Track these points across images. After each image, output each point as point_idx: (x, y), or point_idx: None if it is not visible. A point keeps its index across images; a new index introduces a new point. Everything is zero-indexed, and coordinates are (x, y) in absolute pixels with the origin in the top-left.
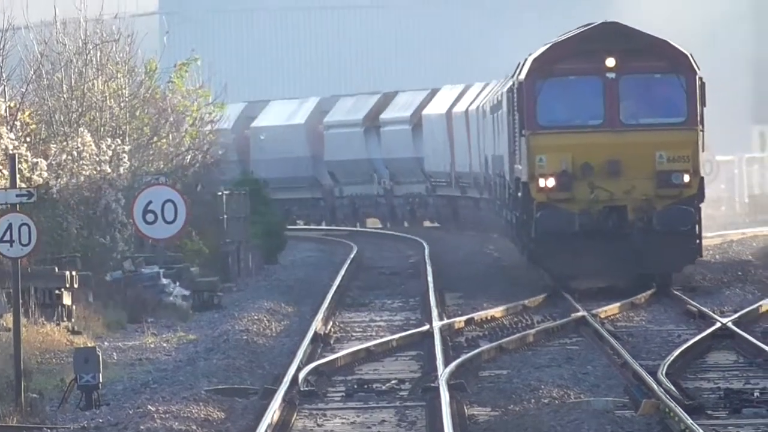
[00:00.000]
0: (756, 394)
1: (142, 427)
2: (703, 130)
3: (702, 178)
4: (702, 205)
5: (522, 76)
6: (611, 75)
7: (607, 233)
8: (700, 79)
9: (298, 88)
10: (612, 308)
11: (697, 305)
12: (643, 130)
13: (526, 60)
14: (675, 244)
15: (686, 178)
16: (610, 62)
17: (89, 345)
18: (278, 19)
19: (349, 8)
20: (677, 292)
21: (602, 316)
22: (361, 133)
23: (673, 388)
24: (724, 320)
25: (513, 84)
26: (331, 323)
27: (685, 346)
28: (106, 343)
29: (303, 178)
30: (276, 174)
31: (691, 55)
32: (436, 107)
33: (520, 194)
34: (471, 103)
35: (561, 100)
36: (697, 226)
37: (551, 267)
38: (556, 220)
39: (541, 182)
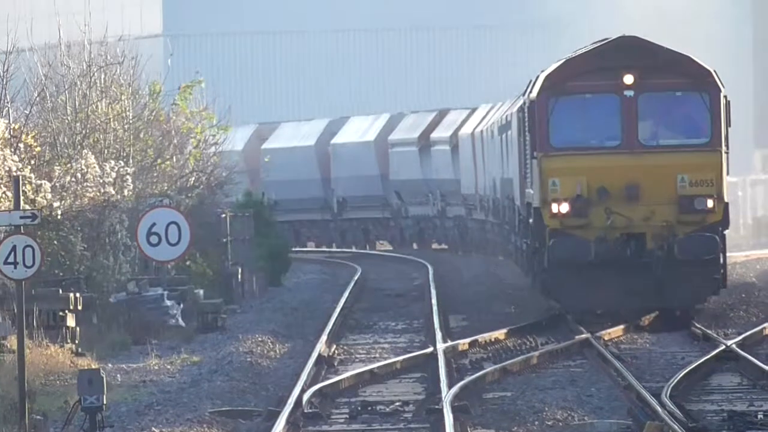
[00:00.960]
0: (760, 416)
1: None
2: (728, 152)
3: (727, 204)
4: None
5: (533, 94)
6: (629, 93)
7: (624, 263)
8: (725, 97)
9: (303, 110)
10: (616, 330)
11: (702, 327)
12: (663, 151)
13: (537, 77)
14: (698, 274)
15: (710, 203)
16: (628, 79)
17: (93, 367)
18: (278, 42)
19: (347, 31)
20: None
21: (606, 338)
22: (416, 153)
23: (677, 411)
24: (729, 342)
25: (524, 103)
26: (333, 344)
27: (689, 368)
28: (110, 365)
29: (371, 197)
30: (352, 193)
31: (715, 71)
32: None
33: (531, 220)
34: (481, 123)
35: (575, 120)
36: (721, 255)
37: (565, 299)
38: (570, 249)
39: (554, 207)
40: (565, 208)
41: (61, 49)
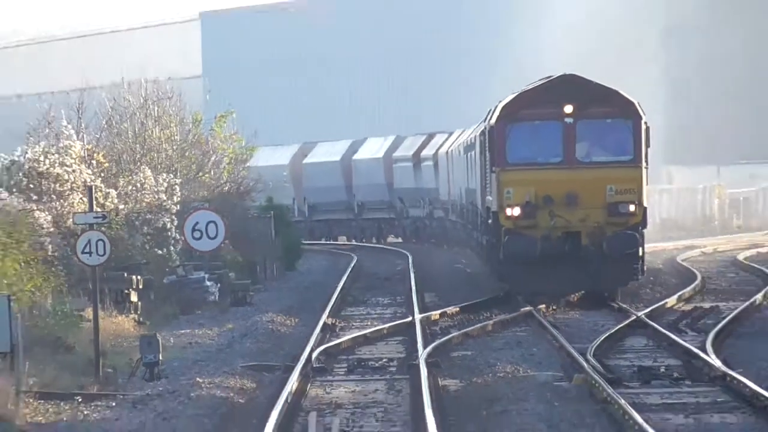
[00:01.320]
0: (662, 369)
1: (192, 394)
2: (647, 167)
3: (645, 208)
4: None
5: (493, 121)
6: (569, 120)
7: (564, 256)
8: (645, 123)
9: (336, 130)
10: (544, 308)
11: (618, 303)
12: (595, 167)
13: (496, 107)
14: (622, 265)
15: (632, 208)
16: (568, 109)
17: (151, 332)
18: (295, 73)
19: (364, 66)
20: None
21: (544, 311)
22: (411, 167)
23: (598, 365)
24: (639, 314)
25: (485, 128)
26: (336, 314)
27: (607, 333)
28: (164, 332)
29: (374, 204)
30: (368, 198)
31: (638, 102)
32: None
33: (490, 221)
34: (453, 144)
35: (526, 142)
36: (640, 249)
37: (516, 285)
38: (520, 244)
39: (509, 211)
40: (517, 211)
41: (124, 87)
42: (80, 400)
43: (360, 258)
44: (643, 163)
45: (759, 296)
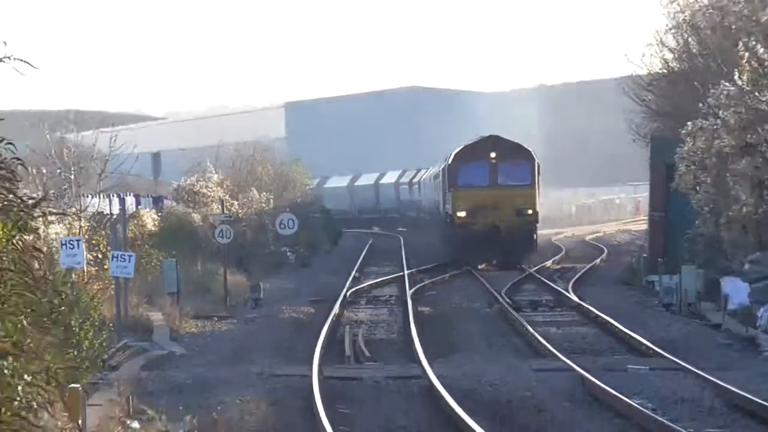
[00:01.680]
0: (543, 301)
1: (279, 316)
2: (538, 189)
3: (537, 212)
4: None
5: (450, 161)
6: (493, 161)
7: (491, 240)
8: (537, 164)
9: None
10: (482, 267)
11: (521, 266)
12: (508, 188)
13: (451, 153)
14: (523, 245)
15: (530, 211)
16: (493, 155)
17: (256, 282)
18: (344, 138)
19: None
20: None
21: (479, 268)
22: (408, 188)
23: (508, 299)
24: (530, 270)
25: (445, 165)
26: (359, 271)
27: (512, 281)
28: (263, 281)
29: (391, 209)
30: (387, 206)
31: (533, 150)
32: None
33: (448, 220)
34: (424, 175)
35: (468, 173)
36: (534, 236)
37: (464, 256)
38: (466, 234)
39: (459, 213)
40: (464, 214)
41: (242, 144)
42: (216, 319)
43: (374, 240)
44: (536, 186)
45: (597, 261)
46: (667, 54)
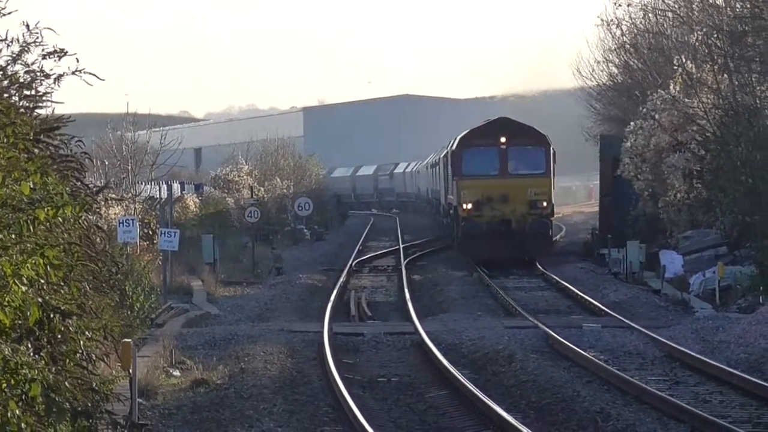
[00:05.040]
0: (513, 270)
1: (297, 282)
2: (554, 177)
3: (553, 204)
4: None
5: (454, 147)
6: (503, 146)
7: (500, 235)
8: (553, 149)
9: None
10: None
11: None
12: (521, 177)
13: (456, 138)
14: (538, 241)
15: (545, 204)
16: (503, 139)
17: (278, 253)
18: (352, 136)
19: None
20: None
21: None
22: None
23: (484, 269)
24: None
25: (447, 152)
26: (363, 245)
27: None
28: (284, 253)
29: (386, 194)
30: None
31: (547, 135)
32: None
33: (451, 212)
34: (417, 166)
35: (475, 160)
36: (550, 231)
37: (470, 254)
38: (472, 228)
39: (464, 206)
40: (470, 206)
41: (269, 142)
42: (245, 285)
43: (375, 220)
44: (552, 175)
45: (557, 237)
46: (613, 69)
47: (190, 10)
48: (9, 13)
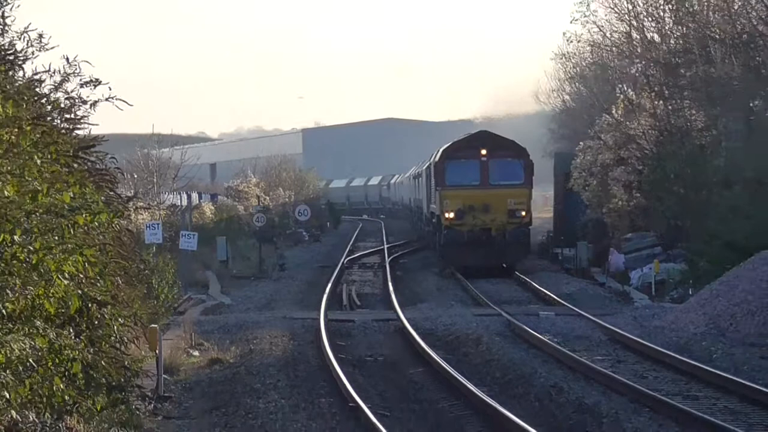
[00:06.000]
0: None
1: (297, 277)
2: (531, 188)
3: (531, 213)
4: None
5: (436, 159)
6: (484, 159)
7: (481, 243)
8: (531, 161)
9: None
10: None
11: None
12: (501, 187)
13: (438, 150)
14: (517, 248)
15: (523, 213)
16: (483, 152)
17: (281, 252)
18: (345, 156)
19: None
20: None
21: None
22: (388, 187)
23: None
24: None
25: (430, 164)
26: (353, 246)
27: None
28: (286, 252)
29: (374, 203)
30: (372, 200)
31: (525, 148)
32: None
33: (434, 220)
34: (400, 178)
35: (457, 171)
36: (529, 239)
37: (452, 261)
38: (454, 236)
39: (447, 215)
40: (452, 215)
41: (273, 158)
42: (253, 279)
43: (363, 224)
44: (530, 186)
45: None
46: (566, 96)
47: (205, 49)
48: (51, 48)
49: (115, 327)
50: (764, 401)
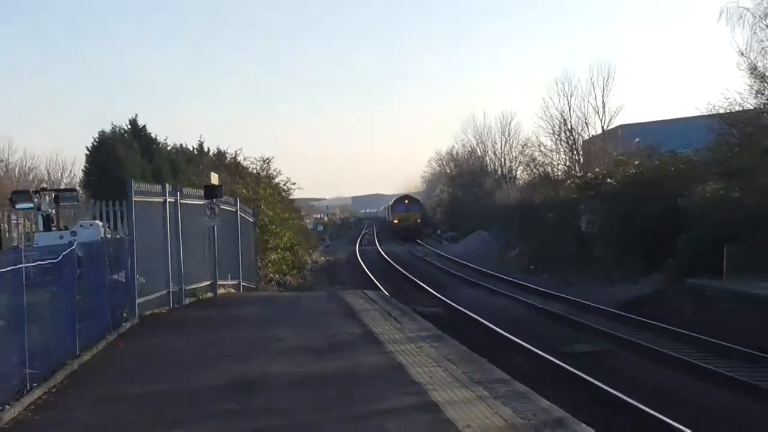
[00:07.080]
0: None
1: (347, 238)
2: (421, 212)
3: (421, 222)
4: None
5: (391, 204)
6: (406, 203)
7: (406, 230)
8: (422, 204)
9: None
10: (413, 242)
11: (418, 241)
12: (411, 213)
13: (391, 201)
14: (419, 232)
15: (419, 221)
16: (406, 201)
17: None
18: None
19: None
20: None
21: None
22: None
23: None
24: (423, 243)
25: (389, 205)
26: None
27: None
28: (341, 234)
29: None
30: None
31: (421, 200)
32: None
33: (390, 222)
34: (381, 209)
35: (397, 207)
36: (421, 230)
37: (397, 235)
38: (397, 228)
39: (394, 221)
40: (396, 221)
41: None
42: (333, 239)
43: (364, 230)
44: (420, 212)
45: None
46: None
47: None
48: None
49: (300, 251)
50: (451, 272)
